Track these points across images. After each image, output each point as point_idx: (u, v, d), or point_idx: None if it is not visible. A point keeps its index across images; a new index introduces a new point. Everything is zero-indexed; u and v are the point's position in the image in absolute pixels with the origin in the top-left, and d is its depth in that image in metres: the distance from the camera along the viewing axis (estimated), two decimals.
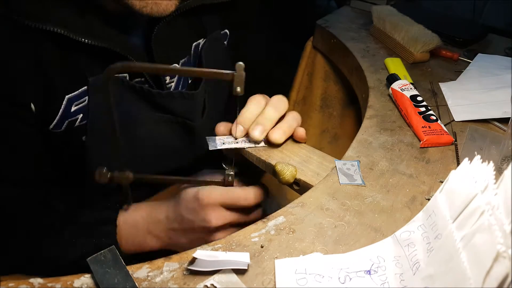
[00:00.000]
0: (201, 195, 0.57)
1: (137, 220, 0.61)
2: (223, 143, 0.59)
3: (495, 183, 0.36)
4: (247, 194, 0.58)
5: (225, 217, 0.58)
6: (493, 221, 0.33)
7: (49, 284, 0.40)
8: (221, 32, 0.75)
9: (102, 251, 0.42)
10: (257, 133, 0.58)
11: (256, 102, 0.60)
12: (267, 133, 0.59)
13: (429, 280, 0.39)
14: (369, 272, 0.43)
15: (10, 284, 0.40)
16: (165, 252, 0.71)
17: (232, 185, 0.59)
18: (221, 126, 0.62)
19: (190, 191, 0.58)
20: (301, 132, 0.61)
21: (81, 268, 0.42)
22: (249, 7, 0.74)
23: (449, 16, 1.15)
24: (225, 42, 0.77)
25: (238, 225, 0.60)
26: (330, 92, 1.11)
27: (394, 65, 0.83)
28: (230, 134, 0.60)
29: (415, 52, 0.86)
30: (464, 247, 0.36)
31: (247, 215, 0.62)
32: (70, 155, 0.63)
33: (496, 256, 0.31)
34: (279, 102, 0.60)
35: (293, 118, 0.61)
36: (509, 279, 0.30)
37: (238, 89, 0.47)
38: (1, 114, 0.56)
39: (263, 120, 0.58)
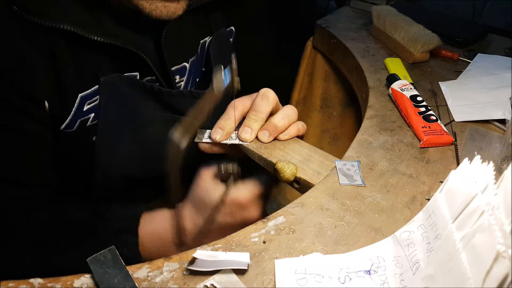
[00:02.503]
0: (236, 198, 0.57)
1: (159, 232, 0.60)
2: (209, 138, 0.60)
3: (495, 183, 0.36)
4: (238, 196, 0.58)
5: (259, 205, 0.59)
6: (493, 221, 0.33)
7: (49, 284, 0.40)
8: (227, 29, 0.75)
9: (102, 251, 0.42)
10: (248, 136, 0.59)
11: (233, 106, 0.61)
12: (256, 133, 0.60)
13: (429, 280, 0.39)
14: (369, 272, 0.43)
15: (10, 284, 0.40)
16: None
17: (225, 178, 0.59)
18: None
19: (212, 199, 0.58)
20: (289, 132, 0.61)
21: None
22: (255, 5, 0.74)
23: (449, 16, 1.15)
24: (231, 40, 0.77)
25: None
26: (330, 92, 1.11)
27: (394, 65, 0.83)
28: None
29: (415, 52, 0.86)
30: (464, 247, 0.36)
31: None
32: (80, 153, 0.63)
33: (496, 256, 0.31)
34: (262, 103, 0.60)
35: (283, 117, 0.61)
36: (509, 279, 0.30)
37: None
38: (14, 110, 0.55)
39: (250, 123, 0.59)
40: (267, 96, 0.60)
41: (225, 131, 0.59)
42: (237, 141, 0.60)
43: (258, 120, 0.59)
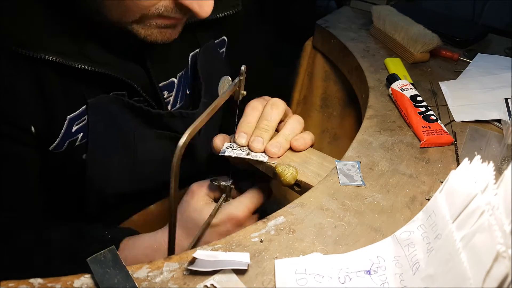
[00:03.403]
0: (235, 215, 0.58)
1: (137, 255, 0.59)
2: (233, 149, 0.58)
3: (495, 183, 0.36)
4: (230, 214, 0.59)
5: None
6: (493, 221, 0.33)
7: (49, 284, 0.40)
8: (218, 40, 0.75)
9: (102, 251, 0.42)
10: (260, 146, 0.58)
11: (253, 107, 0.61)
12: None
13: (429, 280, 0.39)
14: (369, 272, 0.43)
15: (10, 284, 0.40)
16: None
17: (225, 192, 0.61)
18: (217, 139, 0.61)
19: (221, 215, 0.59)
20: (297, 143, 0.60)
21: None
22: (246, 13, 0.74)
23: (449, 16, 1.15)
24: (224, 50, 0.77)
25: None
26: (330, 92, 1.11)
27: (394, 65, 0.83)
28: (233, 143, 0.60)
29: (415, 52, 0.86)
30: (464, 247, 0.36)
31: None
32: (70, 172, 0.63)
33: (496, 256, 0.31)
34: (272, 113, 0.60)
35: (292, 128, 0.61)
36: (509, 279, 0.30)
37: (244, 92, 0.51)
38: (1, 136, 0.55)
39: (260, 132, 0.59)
40: (277, 106, 0.60)
41: (248, 133, 0.59)
42: (259, 157, 0.58)
43: (269, 129, 0.59)
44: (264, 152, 0.58)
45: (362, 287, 0.42)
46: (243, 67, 0.52)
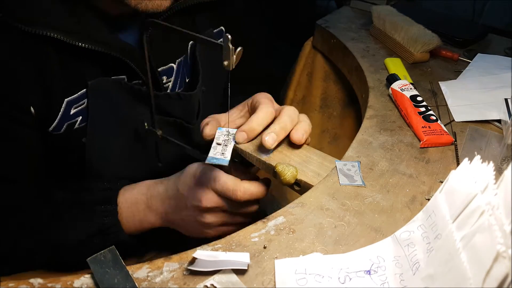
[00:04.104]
0: (198, 172, 0.56)
1: (136, 197, 0.61)
2: (223, 153, 0.56)
3: (495, 183, 0.36)
4: (235, 187, 0.55)
5: (215, 201, 0.56)
6: (493, 221, 0.33)
7: (49, 284, 0.40)
8: (216, 29, 0.75)
9: (102, 251, 0.42)
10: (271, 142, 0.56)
11: (266, 110, 0.58)
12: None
13: (429, 280, 0.39)
14: (369, 272, 0.43)
15: (10, 284, 0.40)
16: (165, 249, 0.72)
17: (227, 171, 0.57)
18: (208, 128, 0.59)
19: (192, 167, 0.58)
20: (296, 135, 0.58)
21: (85, 253, 0.42)
22: (243, 3, 0.74)
23: (449, 16, 1.15)
24: (221, 40, 0.77)
25: (231, 214, 0.59)
26: (330, 92, 1.11)
27: (394, 65, 0.83)
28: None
29: (415, 52, 0.86)
30: (464, 247, 0.36)
31: (240, 207, 0.59)
32: (70, 155, 0.64)
33: (496, 256, 0.31)
34: (288, 125, 0.58)
35: (287, 119, 0.58)
36: (509, 279, 0.30)
37: (225, 62, 0.45)
38: (2, 116, 0.56)
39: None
40: (293, 119, 0.58)
41: (249, 139, 0.58)
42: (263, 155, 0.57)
43: (282, 133, 0.57)
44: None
45: (362, 287, 0.42)
46: (228, 36, 0.46)
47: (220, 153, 0.56)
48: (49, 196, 0.62)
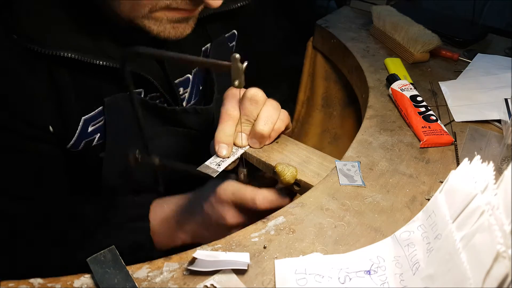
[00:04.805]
0: (219, 189, 0.57)
1: (167, 214, 0.61)
2: (219, 165, 0.55)
3: (495, 183, 0.36)
4: (255, 196, 0.56)
5: (238, 217, 0.57)
6: (493, 221, 0.33)
7: (49, 284, 0.40)
8: (228, 34, 0.75)
9: (102, 251, 0.42)
10: (244, 141, 0.57)
11: (228, 113, 0.57)
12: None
13: (429, 280, 0.39)
14: (369, 272, 0.43)
15: (10, 284, 0.40)
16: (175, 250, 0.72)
17: (243, 182, 0.57)
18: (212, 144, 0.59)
19: (211, 182, 0.58)
20: (258, 128, 0.56)
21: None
22: (256, 7, 0.74)
23: (449, 16, 1.15)
24: (234, 43, 0.77)
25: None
26: (331, 92, 1.11)
27: (394, 65, 0.83)
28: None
29: (415, 52, 0.86)
30: (464, 247, 0.36)
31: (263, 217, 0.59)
32: (88, 170, 0.63)
33: (496, 256, 0.31)
34: (252, 108, 0.56)
35: (265, 122, 0.57)
36: (509, 279, 0.30)
37: (236, 82, 0.44)
38: (21, 136, 0.56)
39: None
40: (256, 100, 0.56)
41: (228, 144, 0.57)
42: (241, 151, 0.57)
43: (250, 124, 0.57)
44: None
45: (362, 287, 0.42)
46: (236, 55, 0.45)
47: (216, 164, 0.54)
48: (78, 212, 0.62)
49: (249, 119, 0.57)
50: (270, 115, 0.57)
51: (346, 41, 0.94)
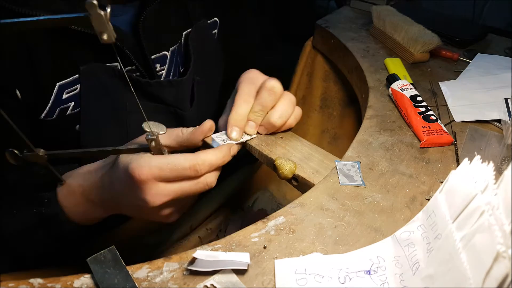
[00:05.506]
0: (132, 169, 0.47)
1: (72, 187, 0.54)
2: (224, 141, 0.57)
3: (495, 183, 0.36)
4: (192, 162, 0.48)
5: (165, 193, 0.48)
6: (493, 221, 0.33)
7: (49, 284, 0.40)
8: (210, 21, 0.75)
9: (102, 251, 0.42)
10: (252, 130, 0.59)
11: (245, 99, 0.58)
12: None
13: (429, 280, 0.39)
14: (369, 272, 0.43)
15: (10, 284, 0.40)
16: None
17: (159, 151, 0.50)
18: (222, 121, 0.61)
19: (123, 162, 0.49)
20: (272, 118, 0.58)
21: (31, 246, 0.39)
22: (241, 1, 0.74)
23: (449, 16, 1.15)
24: (216, 31, 0.77)
25: (189, 195, 0.51)
26: (330, 92, 1.11)
27: (394, 65, 0.83)
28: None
29: (415, 52, 0.86)
30: (464, 247, 0.36)
31: (195, 184, 0.51)
32: (64, 144, 0.62)
33: (496, 256, 0.31)
34: (269, 99, 0.58)
35: (280, 116, 0.58)
36: (509, 279, 0.30)
37: (105, 36, 0.36)
38: None
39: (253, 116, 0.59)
40: (275, 92, 0.57)
41: (241, 128, 0.58)
42: (247, 137, 0.60)
43: (263, 114, 0.59)
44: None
45: (362, 287, 0.42)
46: (93, 1, 0.35)
47: (221, 140, 0.57)
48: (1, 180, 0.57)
49: (263, 109, 0.58)
50: (286, 109, 0.59)
51: (346, 41, 0.94)
